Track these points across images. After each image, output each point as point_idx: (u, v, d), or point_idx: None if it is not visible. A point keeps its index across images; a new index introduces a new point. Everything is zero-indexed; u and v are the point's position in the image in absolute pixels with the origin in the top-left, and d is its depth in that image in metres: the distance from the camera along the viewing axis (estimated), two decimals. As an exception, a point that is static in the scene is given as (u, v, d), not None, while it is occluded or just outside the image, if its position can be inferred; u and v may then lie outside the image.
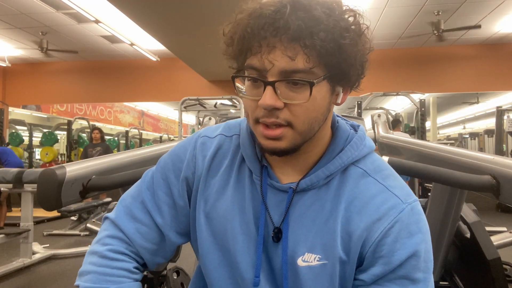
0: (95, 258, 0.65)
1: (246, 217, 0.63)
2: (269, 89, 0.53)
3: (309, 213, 0.60)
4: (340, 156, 0.61)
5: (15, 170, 3.32)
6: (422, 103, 6.32)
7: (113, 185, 1.32)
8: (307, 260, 0.59)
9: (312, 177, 0.61)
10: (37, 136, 9.89)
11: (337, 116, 0.67)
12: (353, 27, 0.54)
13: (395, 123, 5.82)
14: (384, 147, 2.24)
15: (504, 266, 2.76)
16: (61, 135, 11.01)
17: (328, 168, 0.60)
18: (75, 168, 1.29)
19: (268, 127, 0.56)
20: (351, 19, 0.54)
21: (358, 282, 0.60)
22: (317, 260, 0.59)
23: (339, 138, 0.63)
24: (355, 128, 0.66)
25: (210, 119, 3.70)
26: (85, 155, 5.90)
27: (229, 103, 6.31)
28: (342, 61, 0.54)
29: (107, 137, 10.55)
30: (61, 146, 10.90)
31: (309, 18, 0.51)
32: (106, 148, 5.95)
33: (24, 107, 9.84)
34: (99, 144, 6.03)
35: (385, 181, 0.61)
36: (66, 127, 8.63)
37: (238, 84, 0.61)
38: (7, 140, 6.92)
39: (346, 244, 0.59)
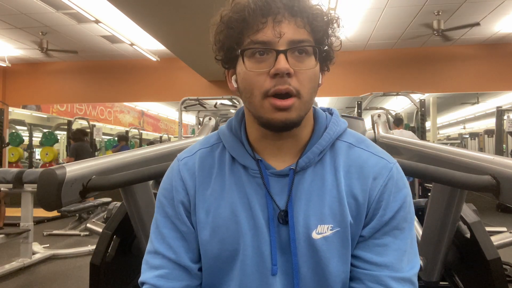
0: None
1: (252, 212, 0.65)
2: (282, 56, 0.59)
3: (313, 189, 0.65)
4: (327, 132, 0.68)
5: (15, 170, 3.33)
6: (422, 103, 6.32)
7: (113, 185, 1.32)
8: (321, 231, 0.64)
9: (309, 154, 0.66)
10: (37, 136, 9.90)
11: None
12: (330, 13, 0.64)
13: (398, 121, 5.82)
14: (384, 147, 2.24)
15: (504, 266, 2.76)
16: (61, 135, 11.01)
17: (320, 144, 0.67)
18: (75, 168, 1.29)
19: (279, 98, 0.60)
20: (327, 8, 0.65)
21: (360, 239, 0.66)
22: (330, 229, 0.64)
23: (320, 118, 0.71)
24: (324, 110, 0.75)
25: (210, 119, 3.69)
26: None
27: (229, 103, 6.31)
28: (327, 39, 0.64)
29: (106, 137, 10.57)
30: (61, 146, 10.91)
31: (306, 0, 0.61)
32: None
33: (24, 107, 9.84)
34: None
35: (370, 148, 0.69)
36: (66, 127, 8.63)
37: (242, 67, 0.64)
38: (7, 140, 6.92)
39: (353, 208, 0.65)
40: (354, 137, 0.71)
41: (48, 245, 4.22)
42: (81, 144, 6.24)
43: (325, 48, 0.65)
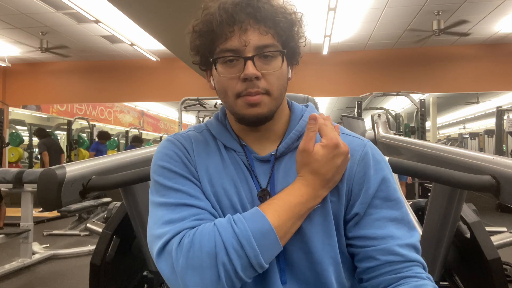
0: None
1: (249, 186, 0.70)
2: (249, 62, 0.65)
3: (293, 171, 0.70)
4: (303, 119, 0.75)
5: (15, 170, 3.32)
6: (422, 103, 6.32)
7: (113, 185, 1.32)
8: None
9: (287, 140, 0.73)
10: (37, 136, 9.87)
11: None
12: (293, 15, 0.70)
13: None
14: (384, 147, 2.24)
15: (504, 266, 2.76)
16: (61, 135, 11.01)
17: (297, 130, 0.73)
18: (75, 168, 1.29)
19: (250, 96, 0.66)
20: (291, 8, 0.70)
21: (356, 218, 0.68)
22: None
23: (296, 109, 0.78)
24: (302, 105, 0.81)
25: (210, 119, 3.71)
26: None
27: (229, 103, 6.30)
28: (292, 38, 0.69)
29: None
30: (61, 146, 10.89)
31: (269, 5, 0.66)
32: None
33: (24, 107, 9.85)
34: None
35: (343, 131, 0.76)
36: (66, 127, 8.64)
37: (216, 72, 0.69)
38: (7, 140, 6.92)
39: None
40: None
41: (48, 245, 4.22)
42: (48, 139, 6.95)
43: (291, 47, 0.70)
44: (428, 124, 8.30)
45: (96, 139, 7.60)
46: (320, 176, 0.65)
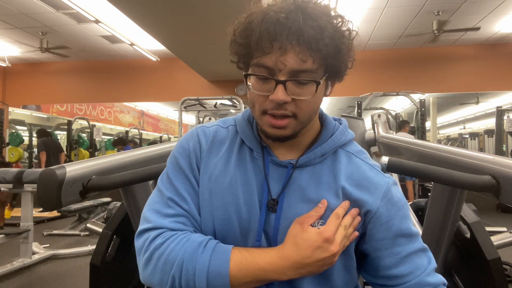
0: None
1: (249, 189, 0.70)
2: (280, 86, 0.62)
3: (309, 185, 0.70)
4: (332, 139, 0.73)
5: (15, 170, 3.32)
6: (422, 103, 6.32)
7: (113, 185, 1.32)
8: (314, 225, 0.67)
9: (310, 155, 0.71)
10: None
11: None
12: (347, 33, 0.65)
13: (402, 123, 5.80)
14: (384, 147, 2.23)
15: (504, 266, 2.76)
16: (61, 135, 11.01)
17: (323, 147, 0.72)
18: (75, 168, 1.29)
19: (275, 118, 0.65)
20: (344, 25, 0.65)
21: (377, 255, 0.70)
22: (320, 224, 0.67)
23: (329, 125, 0.76)
24: (335, 119, 0.80)
25: (210, 119, 3.70)
26: None
27: (229, 103, 6.32)
28: (340, 63, 0.65)
29: (107, 137, 10.57)
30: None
31: (317, 26, 0.61)
32: None
33: (24, 107, 9.84)
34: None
35: (369, 161, 0.75)
36: (66, 127, 8.63)
37: (249, 83, 0.67)
38: (7, 140, 6.92)
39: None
40: (356, 148, 0.77)
41: (48, 245, 4.22)
42: (47, 139, 7.06)
43: (335, 68, 0.65)
44: (428, 124, 8.30)
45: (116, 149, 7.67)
46: (298, 254, 0.63)
